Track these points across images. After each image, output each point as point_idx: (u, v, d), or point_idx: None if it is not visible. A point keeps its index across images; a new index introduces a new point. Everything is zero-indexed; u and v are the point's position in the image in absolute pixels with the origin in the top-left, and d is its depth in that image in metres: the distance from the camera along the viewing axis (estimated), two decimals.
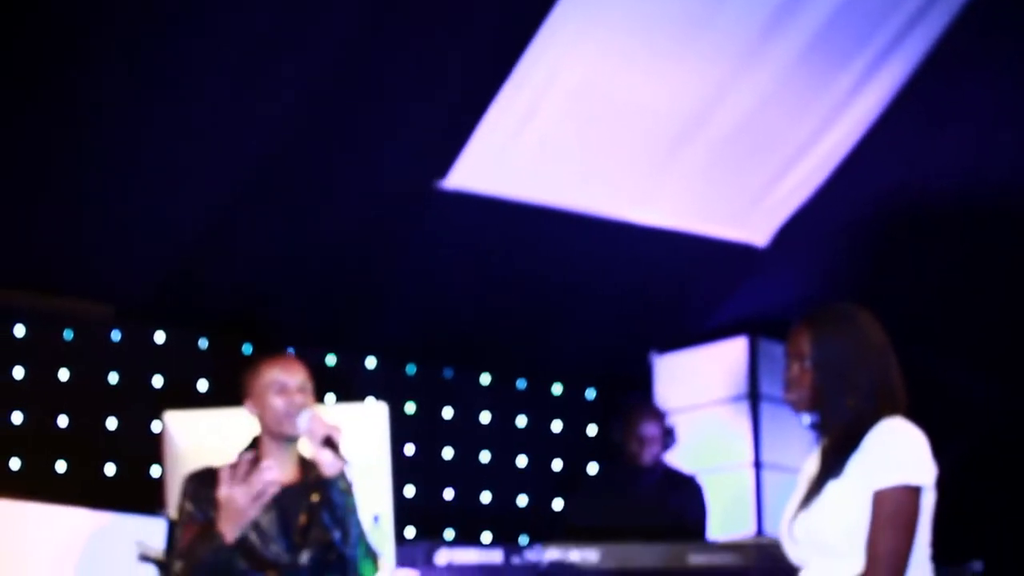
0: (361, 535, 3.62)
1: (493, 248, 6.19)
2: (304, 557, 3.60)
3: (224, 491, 3.43)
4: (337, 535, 3.57)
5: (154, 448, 4.32)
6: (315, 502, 3.63)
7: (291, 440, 3.69)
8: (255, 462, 3.51)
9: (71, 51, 5.09)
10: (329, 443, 3.56)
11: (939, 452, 3.06)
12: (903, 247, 6.28)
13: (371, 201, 5.91)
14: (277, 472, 3.48)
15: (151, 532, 4.34)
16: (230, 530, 3.45)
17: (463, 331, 6.46)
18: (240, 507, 3.43)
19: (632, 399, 5.85)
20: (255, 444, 3.73)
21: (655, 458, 5.57)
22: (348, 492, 3.59)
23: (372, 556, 3.68)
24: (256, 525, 3.56)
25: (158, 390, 5.88)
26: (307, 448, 3.65)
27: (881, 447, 2.99)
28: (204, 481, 3.65)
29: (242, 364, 3.84)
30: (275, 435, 3.69)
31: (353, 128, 5.66)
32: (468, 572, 4.80)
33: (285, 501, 3.65)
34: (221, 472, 3.47)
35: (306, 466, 3.71)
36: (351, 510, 3.59)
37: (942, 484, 3.05)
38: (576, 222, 6.12)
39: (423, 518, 6.15)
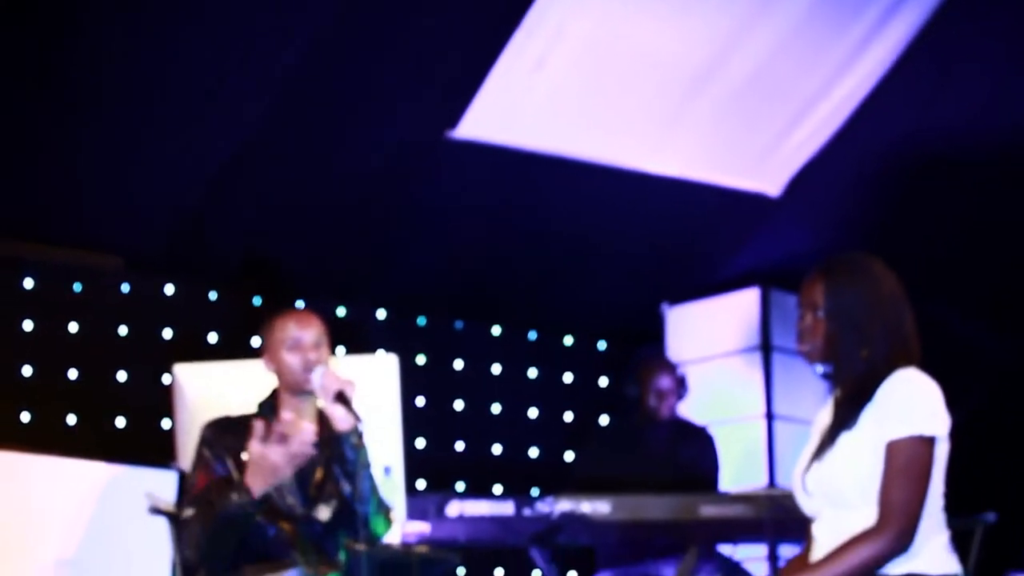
0: (373, 490, 3.60)
1: (504, 199, 6.15)
2: (321, 512, 3.59)
3: (257, 448, 3.41)
4: (348, 490, 3.56)
5: (164, 400, 4.30)
6: (329, 457, 3.62)
7: (307, 395, 3.68)
8: (293, 424, 3.48)
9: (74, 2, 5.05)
10: (341, 399, 3.54)
11: (953, 403, 3.03)
12: (918, 196, 6.23)
13: (381, 152, 5.87)
14: (313, 436, 3.45)
15: (161, 484, 4.33)
16: (259, 486, 3.43)
17: (474, 282, 6.43)
18: (275, 466, 3.41)
19: (644, 352, 5.82)
20: (273, 397, 3.72)
21: (672, 411, 5.56)
22: (360, 447, 3.57)
23: (384, 511, 3.67)
24: None
25: (168, 342, 5.87)
26: (325, 405, 3.63)
27: (895, 398, 2.97)
28: (223, 429, 3.65)
29: (252, 316, 3.83)
30: (291, 390, 3.68)
31: (363, 79, 5.61)
32: (479, 523, 4.79)
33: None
34: (254, 427, 3.44)
35: (324, 420, 3.70)
36: (363, 465, 3.57)
37: (956, 435, 3.03)
38: (587, 172, 6.07)
39: (434, 470, 6.15)
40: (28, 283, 5.66)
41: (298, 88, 5.52)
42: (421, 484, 5.95)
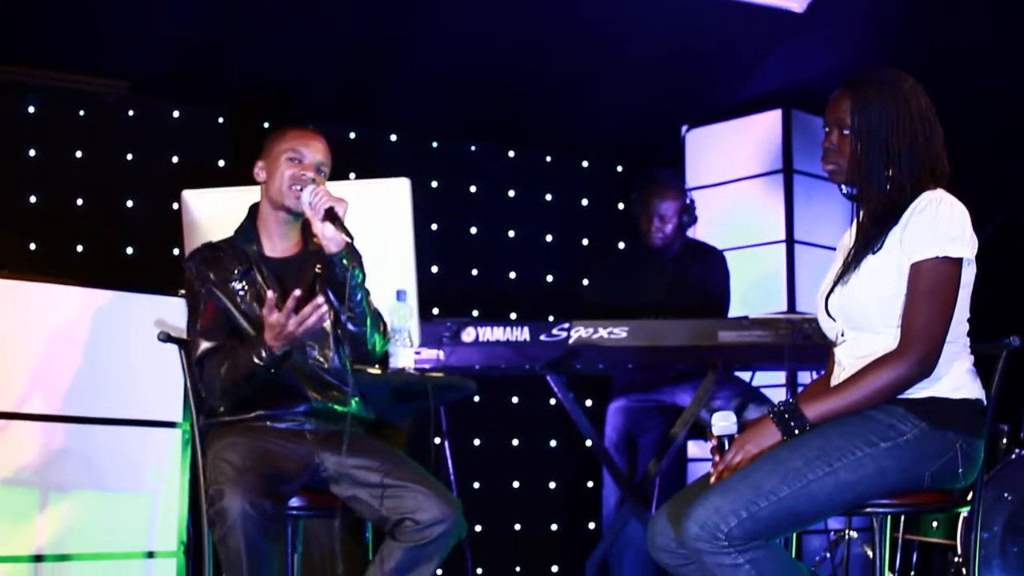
0: (368, 309, 3.53)
1: (519, 15, 5.99)
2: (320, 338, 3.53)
3: (274, 317, 3.32)
4: (343, 313, 3.48)
5: (172, 227, 4.22)
6: (317, 273, 3.53)
7: (292, 214, 3.57)
8: (304, 300, 3.36)
9: None
10: (331, 216, 3.43)
11: (980, 226, 2.95)
12: (946, 11, 6.04)
13: None
14: (325, 308, 3.36)
15: (171, 312, 4.30)
16: (278, 345, 3.37)
17: (488, 104, 6.31)
18: (291, 334, 3.34)
19: (651, 174, 5.68)
20: (252, 214, 3.62)
21: (667, 237, 5.44)
22: (352, 267, 3.46)
23: (382, 328, 3.60)
24: (261, 303, 3.45)
25: (175, 168, 5.78)
26: (314, 225, 3.52)
27: (921, 219, 2.89)
28: (203, 263, 3.57)
29: (261, 141, 3.71)
30: (276, 205, 3.57)
31: None
32: (495, 350, 4.75)
33: (285, 275, 3.56)
34: (267, 300, 3.34)
35: (307, 239, 3.61)
36: (357, 286, 3.48)
37: (981, 258, 2.95)
38: None
39: (449, 296, 6.11)
40: (31, 109, 5.54)
41: None
42: (436, 310, 5.91)
